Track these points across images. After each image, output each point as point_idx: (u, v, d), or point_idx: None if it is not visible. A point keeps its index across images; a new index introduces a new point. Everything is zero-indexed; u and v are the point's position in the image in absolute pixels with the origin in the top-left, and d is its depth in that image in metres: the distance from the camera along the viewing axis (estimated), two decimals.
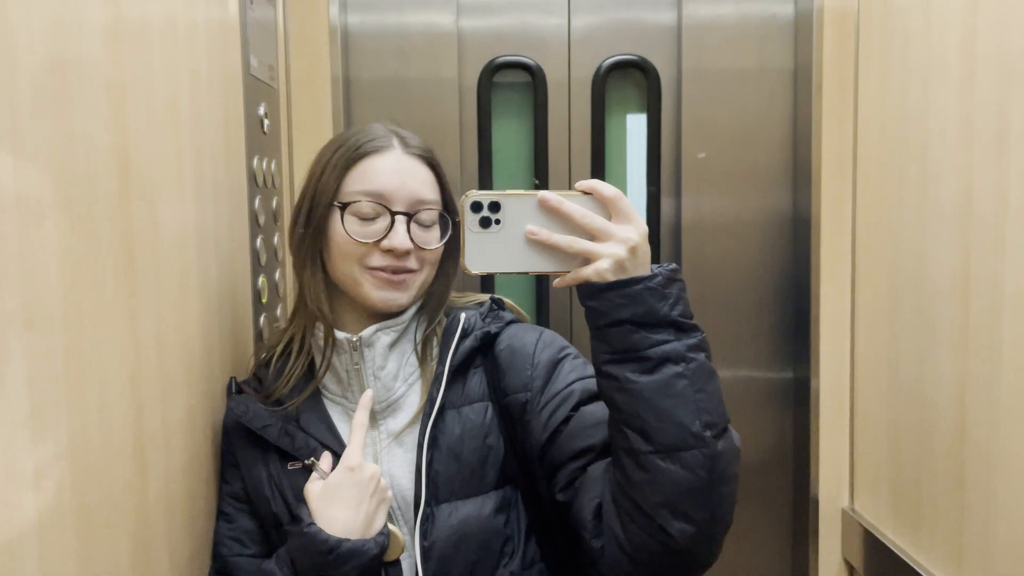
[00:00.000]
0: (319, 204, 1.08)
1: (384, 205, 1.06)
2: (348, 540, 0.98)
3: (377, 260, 1.06)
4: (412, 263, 1.08)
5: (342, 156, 1.08)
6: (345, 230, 1.06)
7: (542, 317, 1.81)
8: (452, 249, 1.13)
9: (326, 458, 1.06)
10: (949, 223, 1.31)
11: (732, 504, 0.91)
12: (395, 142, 1.10)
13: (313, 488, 1.03)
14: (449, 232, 1.11)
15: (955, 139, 1.30)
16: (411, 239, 1.06)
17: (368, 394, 1.06)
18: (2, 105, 0.67)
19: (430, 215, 1.09)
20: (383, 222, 1.06)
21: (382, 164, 1.08)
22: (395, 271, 1.07)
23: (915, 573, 1.41)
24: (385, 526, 1.02)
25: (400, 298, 1.08)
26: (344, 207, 1.07)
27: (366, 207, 1.06)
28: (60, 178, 0.76)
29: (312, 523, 0.99)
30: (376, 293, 1.07)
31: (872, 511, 1.63)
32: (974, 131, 1.25)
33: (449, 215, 1.11)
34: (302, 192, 1.11)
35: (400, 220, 1.06)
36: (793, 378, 1.82)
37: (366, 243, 1.06)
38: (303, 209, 1.10)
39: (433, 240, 1.10)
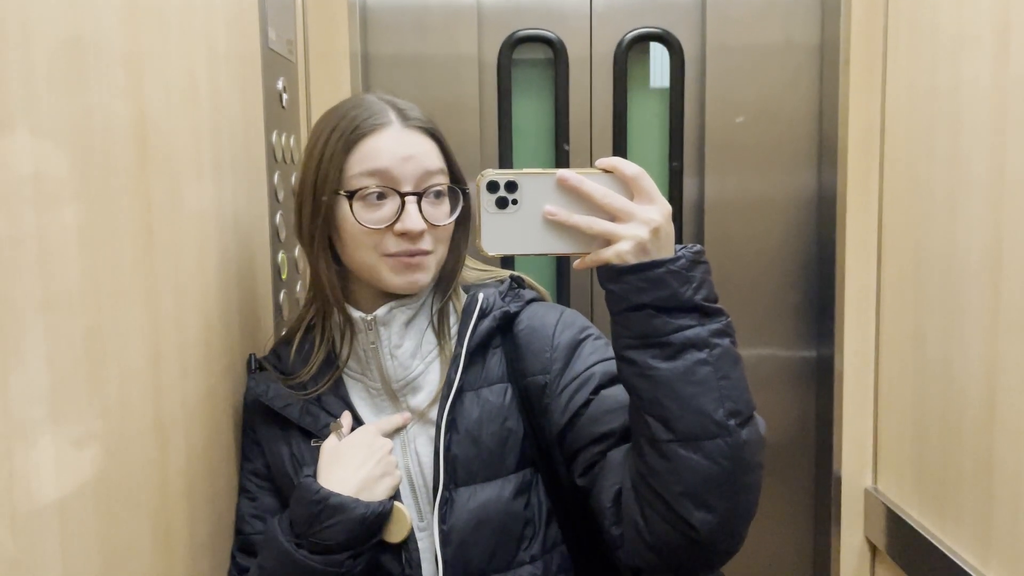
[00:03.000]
0: (323, 193, 1.04)
1: (392, 187, 1.02)
2: (338, 495, 0.97)
3: (392, 245, 1.02)
4: (427, 244, 1.03)
5: (340, 139, 1.03)
6: (356, 219, 1.02)
7: (562, 297, 1.79)
8: (463, 221, 1.10)
9: (347, 416, 1.06)
10: (980, 201, 1.28)
11: (756, 494, 0.89)
12: (393, 116, 1.04)
13: (327, 445, 1.03)
14: (460, 205, 1.07)
15: (987, 115, 1.26)
16: (424, 218, 1.02)
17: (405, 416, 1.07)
18: (17, 81, 0.66)
19: (442, 189, 1.05)
20: (392, 204, 1.02)
21: (383, 143, 1.03)
22: (412, 254, 1.03)
23: (939, 553, 1.39)
24: (390, 499, 1.01)
25: (421, 279, 1.05)
26: (351, 195, 1.03)
27: (374, 191, 1.02)
28: (77, 154, 0.75)
29: (309, 474, 1.00)
30: (396, 279, 1.04)
31: (896, 491, 1.61)
32: (1007, 106, 1.21)
33: (458, 187, 1.07)
34: (302, 179, 1.07)
35: (410, 201, 1.02)
36: (817, 357, 1.80)
37: (379, 229, 1.02)
38: (307, 198, 1.06)
39: (443, 215, 1.05)
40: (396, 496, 1.02)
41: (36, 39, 0.69)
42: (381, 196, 1.02)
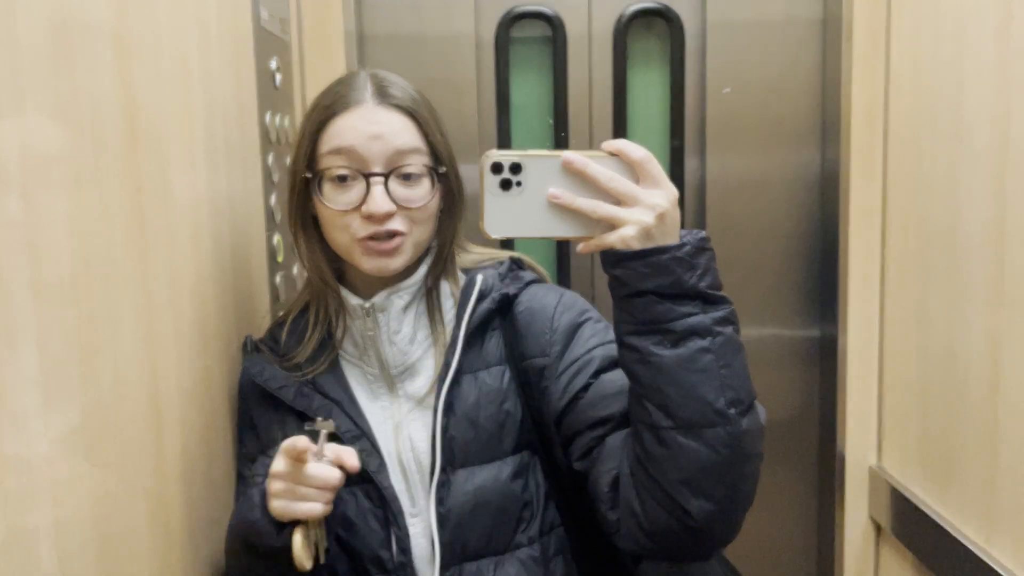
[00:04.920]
0: (299, 172, 1.03)
1: (357, 168, 1.00)
2: (260, 488, 0.96)
3: (361, 228, 1.00)
4: (399, 225, 1.01)
5: (315, 119, 1.02)
6: (323, 201, 1.01)
7: (563, 280, 1.78)
8: (450, 201, 1.07)
9: (329, 424, 0.98)
10: (984, 174, 1.27)
11: (755, 483, 0.89)
12: (368, 95, 1.02)
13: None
14: (437, 185, 1.04)
15: (991, 86, 1.25)
16: (392, 199, 1.00)
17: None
18: (4, 65, 0.65)
19: (413, 169, 1.01)
20: (360, 186, 1.00)
21: (351, 122, 1.00)
22: (382, 237, 1.00)
23: (943, 531, 1.39)
24: (280, 525, 0.94)
25: (392, 264, 1.02)
26: (318, 176, 1.01)
27: (339, 172, 1.00)
28: (66, 137, 0.74)
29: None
30: (367, 263, 1.02)
31: (900, 469, 1.61)
32: (1011, 78, 1.20)
33: (436, 167, 1.04)
34: (290, 158, 1.06)
35: (376, 182, 0.99)
36: (820, 336, 1.79)
37: (346, 211, 1.00)
38: (288, 179, 1.05)
39: (420, 196, 1.02)
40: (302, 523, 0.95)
41: (22, 20, 0.67)
42: (348, 177, 1.00)
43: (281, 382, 1.08)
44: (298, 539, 0.94)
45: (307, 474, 0.92)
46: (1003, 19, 1.21)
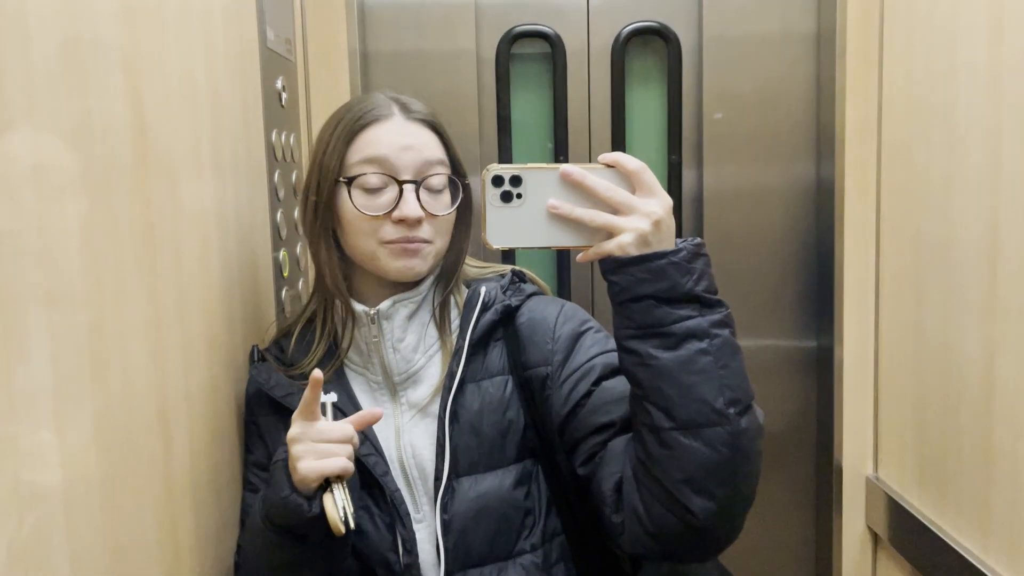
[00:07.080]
0: (326, 181, 1.07)
1: (390, 175, 1.05)
2: (281, 464, 0.97)
3: (390, 233, 1.05)
4: (425, 233, 1.06)
5: (344, 129, 1.07)
6: (353, 205, 1.05)
7: (563, 291, 1.80)
8: (464, 215, 1.12)
9: (332, 396, 1.03)
10: (977, 186, 1.29)
11: (755, 481, 0.91)
12: (396, 109, 1.08)
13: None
14: (460, 197, 1.09)
15: (983, 101, 1.27)
16: (422, 207, 1.04)
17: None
18: (17, 82, 0.67)
19: (439, 180, 1.07)
20: (391, 192, 1.05)
21: (384, 133, 1.06)
22: (410, 241, 1.05)
23: (940, 541, 1.40)
24: (307, 493, 0.96)
25: (418, 265, 1.07)
26: (350, 181, 1.05)
27: (372, 179, 1.04)
28: (78, 153, 0.76)
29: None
30: (393, 264, 1.06)
31: (897, 479, 1.62)
32: (1003, 92, 1.22)
33: (458, 179, 1.10)
34: (308, 170, 1.10)
35: (408, 188, 1.04)
36: (816, 347, 1.81)
37: (377, 216, 1.04)
38: (311, 188, 1.09)
39: (443, 206, 1.08)
40: (328, 488, 0.97)
41: (35, 37, 0.69)
42: (380, 184, 1.04)
43: (287, 390, 1.10)
44: (328, 501, 0.96)
45: (322, 428, 0.95)
46: (994, 33, 1.24)
